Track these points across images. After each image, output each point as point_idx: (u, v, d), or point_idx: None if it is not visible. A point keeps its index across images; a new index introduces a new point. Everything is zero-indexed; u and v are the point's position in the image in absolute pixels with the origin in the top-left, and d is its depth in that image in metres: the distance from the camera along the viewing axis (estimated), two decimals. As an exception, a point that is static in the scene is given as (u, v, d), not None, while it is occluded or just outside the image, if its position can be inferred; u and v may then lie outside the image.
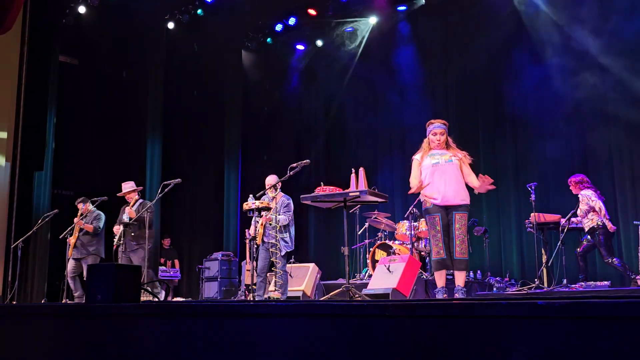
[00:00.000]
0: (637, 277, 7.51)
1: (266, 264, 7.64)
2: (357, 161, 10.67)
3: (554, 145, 9.84)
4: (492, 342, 2.14)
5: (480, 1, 10.90)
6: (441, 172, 5.86)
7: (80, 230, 8.47)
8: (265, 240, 7.64)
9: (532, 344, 2.05)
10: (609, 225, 7.75)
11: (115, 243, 7.95)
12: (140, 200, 8.33)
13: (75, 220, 8.50)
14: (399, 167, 12.05)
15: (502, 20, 10.67)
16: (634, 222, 7.88)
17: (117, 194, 8.38)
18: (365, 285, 8.06)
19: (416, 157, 6.15)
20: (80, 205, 8.72)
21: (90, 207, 8.66)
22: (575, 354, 1.96)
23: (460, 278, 5.77)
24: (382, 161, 12.34)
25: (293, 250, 7.86)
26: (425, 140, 6.15)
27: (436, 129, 6.12)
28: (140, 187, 8.54)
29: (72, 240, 8.43)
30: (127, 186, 8.39)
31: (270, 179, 7.80)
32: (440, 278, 5.86)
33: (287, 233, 7.60)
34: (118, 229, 8.02)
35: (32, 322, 3.86)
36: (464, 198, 5.87)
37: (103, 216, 8.69)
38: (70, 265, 8.45)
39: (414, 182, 6.03)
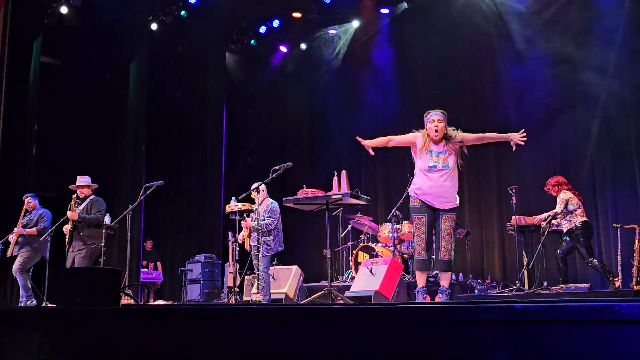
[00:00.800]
0: (616, 279, 7.59)
1: (255, 267, 7.71)
2: (340, 164, 10.68)
3: (536, 148, 9.91)
4: (471, 345, 2.15)
5: (462, 6, 10.95)
6: (436, 177, 5.69)
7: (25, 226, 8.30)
8: (251, 244, 7.68)
9: (511, 346, 2.06)
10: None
11: (67, 242, 7.81)
12: (92, 197, 8.11)
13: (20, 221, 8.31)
14: (381, 169, 12.10)
15: (483, 24, 10.75)
16: (613, 224, 7.95)
17: (70, 186, 8.19)
18: (348, 287, 8.08)
19: (417, 135, 5.90)
20: (27, 200, 8.53)
21: (36, 203, 8.52)
22: (553, 356, 1.98)
23: (444, 279, 5.72)
24: (365, 164, 12.37)
25: (278, 253, 7.87)
26: (423, 131, 5.84)
27: (433, 116, 5.79)
28: (96, 185, 8.33)
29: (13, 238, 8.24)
30: (82, 180, 8.05)
31: (255, 185, 7.86)
32: (420, 278, 5.76)
33: (271, 237, 7.60)
34: (67, 228, 7.85)
35: (9, 326, 3.82)
36: (453, 202, 5.75)
37: (49, 215, 8.52)
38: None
39: (382, 140, 6.21)
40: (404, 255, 9.34)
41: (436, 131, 5.68)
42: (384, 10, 11.84)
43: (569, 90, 9.87)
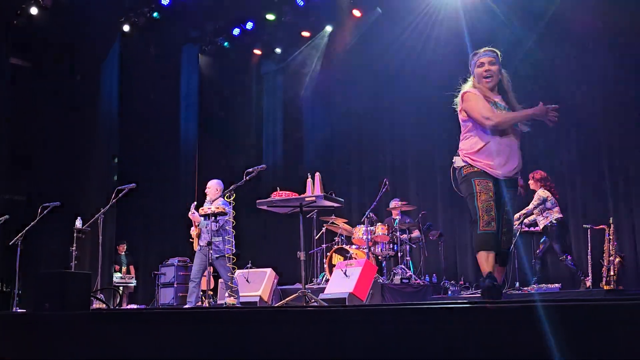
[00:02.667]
0: (587, 279, 7.70)
1: (201, 268, 7.60)
2: (314, 166, 10.68)
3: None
4: (444, 346, 2.16)
5: (435, 11, 11.04)
6: (508, 136, 4.40)
7: None
8: (201, 244, 7.63)
9: (483, 346, 2.07)
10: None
11: None
12: None
13: None
14: (356, 171, 12.13)
15: (455, 26, 10.85)
16: (584, 225, 8.07)
17: None
18: (323, 289, 8.08)
19: (473, 92, 4.50)
20: None
21: None
22: (523, 355, 1.99)
23: (500, 274, 4.42)
24: (339, 166, 12.39)
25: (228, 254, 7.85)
26: (472, 80, 4.58)
27: (483, 57, 4.50)
28: None
29: None
30: None
31: (213, 183, 7.90)
32: (487, 261, 4.21)
33: (220, 238, 7.56)
34: None
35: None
36: (519, 171, 4.46)
37: None
38: None
39: (490, 113, 4.35)
40: (379, 257, 9.37)
41: (490, 76, 4.45)
42: (356, 13, 11.86)
43: (539, 91, 9.98)
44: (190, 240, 7.97)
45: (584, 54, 9.43)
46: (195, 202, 7.85)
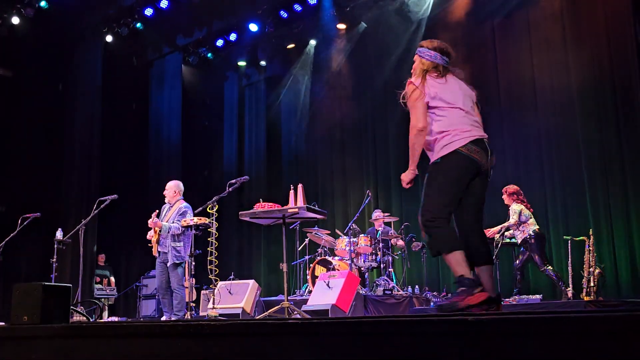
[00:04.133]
0: (568, 289, 7.76)
1: (164, 279, 7.47)
2: (297, 177, 10.71)
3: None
4: (424, 358, 2.16)
5: (411, 27, 11.17)
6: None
7: None
8: (160, 250, 7.50)
9: (464, 357, 2.08)
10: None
11: None
12: None
13: None
14: (339, 183, 12.15)
15: (432, 34, 10.97)
16: (564, 237, 8.13)
17: None
18: (305, 301, 8.05)
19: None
20: None
21: None
22: None
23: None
24: (322, 177, 12.40)
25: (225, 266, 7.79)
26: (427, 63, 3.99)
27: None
28: None
29: None
30: None
31: (171, 184, 7.78)
32: (462, 262, 3.67)
33: (181, 243, 7.46)
34: None
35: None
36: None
37: None
38: None
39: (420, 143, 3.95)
40: (361, 269, 9.37)
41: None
42: (341, 26, 11.92)
43: (519, 103, 10.10)
44: (149, 245, 7.83)
45: (561, 65, 9.55)
46: (157, 211, 7.77)
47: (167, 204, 7.79)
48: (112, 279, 12.02)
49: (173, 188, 7.77)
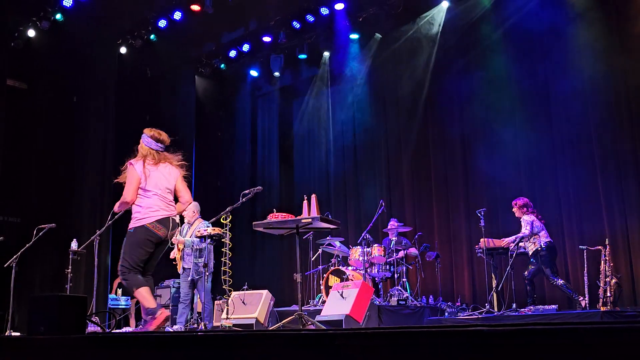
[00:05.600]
0: (581, 298, 7.68)
1: (189, 293, 7.70)
2: (311, 187, 10.71)
3: (503, 171, 10.06)
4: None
5: (428, 34, 11.18)
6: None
7: None
8: (185, 266, 7.71)
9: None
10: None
11: None
12: None
13: None
14: (352, 193, 12.14)
15: (447, 45, 11.01)
16: (580, 247, 8.07)
17: None
18: (319, 311, 8.04)
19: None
20: None
21: None
22: None
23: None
24: (335, 187, 12.40)
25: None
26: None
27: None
28: None
29: None
30: None
31: (191, 206, 7.99)
32: (148, 296, 5.08)
33: (201, 258, 7.65)
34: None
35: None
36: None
37: None
38: None
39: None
40: (375, 279, 9.34)
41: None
42: (354, 37, 11.95)
43: (535, 112, 10.06)
44: (174, 263, 8.02)
45: (576, 74, 9.50)
46: (180, 227, 7.92)
47: (187, 223, 7.99)
48: None
49: (192, 208, 8.09)
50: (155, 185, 5.17)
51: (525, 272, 8.27)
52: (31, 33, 11.14)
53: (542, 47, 10.06)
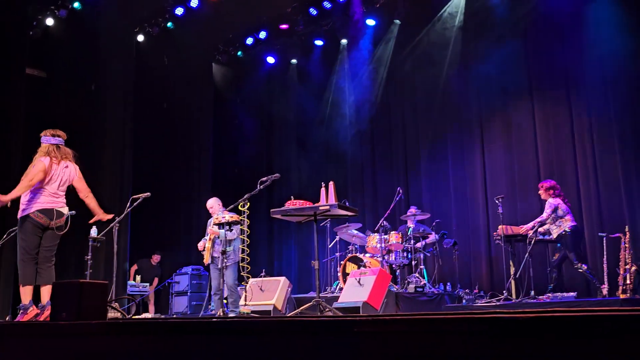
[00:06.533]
0: (603, 286, 7.63)
1: (220, 281, 7.69)
2: (328, 174, 10.70)
3: (521, 158, 9.99)
4: (458, 356, 2.15)
5: (446, 19, 11.10)
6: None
7: None
8: (214, 255, 7.71)
9: (499, 356, 2.06)
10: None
11: None
12: None
13: None
14: (369, 180, 12.13)
15: (465, 30, 10.93)
16: (599, 233, 8.01)
17: None
18: (336, 298, 8.07)
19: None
20: None
21: None
22: None
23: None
24: (352, 175, 12.40)
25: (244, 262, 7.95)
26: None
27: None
28: None
29: None
30: None
31: (213, 202, 8.15)
32: (29, 294, 5.62)
33: (231, 247, 7.68)
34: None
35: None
36: None
37: None
38: None
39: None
40: (392, 266, 9.34)
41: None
42: (370, 22, 11.88)
43: (553, 100, 9.96)
44: (202, 253, 8.03)
45: (596, 59, 9.38)
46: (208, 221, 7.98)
47: (213, 218, 8.01)
48: (156, 279, 12.09)
49: (216, 204, 8.19)
50: (48, 182, 5.76)
51: (554, 258, 8.23)
52: (49, 22, 11.21)
53: (562, 30, 9.93)
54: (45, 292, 5.59)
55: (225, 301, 7.74)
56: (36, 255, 5.65)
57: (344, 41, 12.51)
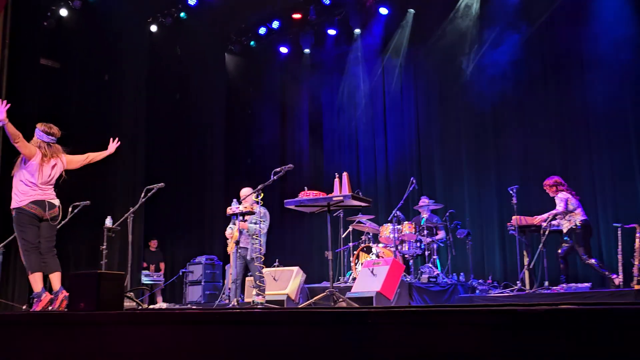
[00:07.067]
0: (614, 276, 7.59)
1: (242, 270, 7.75)
2: (341, 165, 10.71)
3: (536, 148, 9.95)
4: (472, 348, 2.16)
5: (459, 10, 11.05)
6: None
7: None
8: (241, 245, 7.74)
9: (512, 349, 2.06)
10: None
11: None
12: None
13: None
14: (382, 170, 12.13)
15: (480, 18, 10.87)
16: (614, 224, 7.97)
17: None
18: (350, 288, 8.09)
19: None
20: None
21: None
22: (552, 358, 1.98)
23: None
24: (365, 165, 12.40)
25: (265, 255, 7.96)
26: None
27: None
28: None
29: None
30: None
31: (245, 191, 7.97)
32: (39, 281, 5.81)
33: (258, 241, 7.67)
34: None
35: (12, 330, 3.84)
36: None
37: None
38: None
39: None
40: (406, 256, 9.35)
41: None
42: (383, 11, 11.83)
43: (567, 90, 9.90)
44: (227, 241, 8.04)
45: (610, 48, 9.30)
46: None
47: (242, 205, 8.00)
48: (162, 264, 12.23)
49: (248, 194, 8.00)
50: (34, 179, 5.90)
51: (559, 250, 8.20)
52: (63, 12, 11.28)
53: (577, 17, 9.83)
54: (56, 279, 5.75)
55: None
56: (38, 244, 5.77)
57: (357, 30, 12.46)
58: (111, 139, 6.79)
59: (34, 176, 5.88)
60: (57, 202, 6.12)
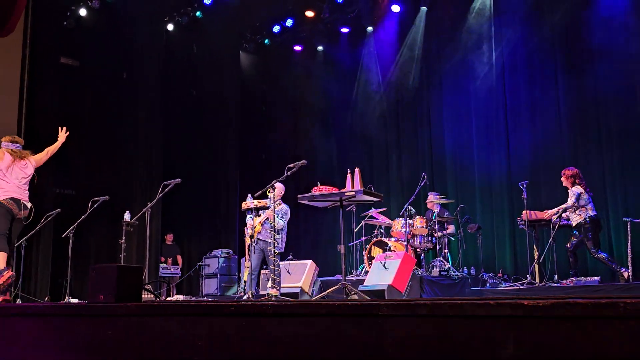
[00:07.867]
0: (623, 270, 7.64)
1: (259, 262, 7.88)
2: (353, 161, 10.81)
3: (546, 143, 9.99)
4: (481, 341, 2.19)
5: (473, 6, 11.10)
6: None
7: None
8: (261, 238, 7.85)
9: (520, 342, 2.10)
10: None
11: None
12: None
13: None
14: (394, 166, 12.22)
15: (491, 15, 10.90)
16: (624, 218, 8.02)
17: None
18: (362, 281, 8.22)
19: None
20: None
21: None
22: (560, 352, 2.02)
23: None
24: (377, 160, 12.48)
25: (282, 252, 8.09)
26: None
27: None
28: None
29: None
30: None
31: (281, 186, 8.17)
32: (2, 260, 6.21)
33: (280, 236, 7.81)
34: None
35: (35, 322, 3.97)
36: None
37: None
38: None
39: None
40: (417, 250, 9.46)
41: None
42: (395, 8, 11.90)
43: (578, 86, 9.92)
44: (245, 228, 8.17)
45: (621, 42, 9.32)
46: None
47: (270, 199, 8.10)
48: (179, 257, 12.41)
49: (281, 190, 8.29)
50: (8, 178, 6.44)
51: (568, 244, 8.26)
52: (82, 12, 11.50)
53: (588, 12, 9.86)
54: (1, 259, 6.25)
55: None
56: (7, 234, 6.33)
57: (369, 28, 12.55)
58: (59, 128, 7.21)
59: (10, 174, 6.46)
60: (29, 205, 6.66)
